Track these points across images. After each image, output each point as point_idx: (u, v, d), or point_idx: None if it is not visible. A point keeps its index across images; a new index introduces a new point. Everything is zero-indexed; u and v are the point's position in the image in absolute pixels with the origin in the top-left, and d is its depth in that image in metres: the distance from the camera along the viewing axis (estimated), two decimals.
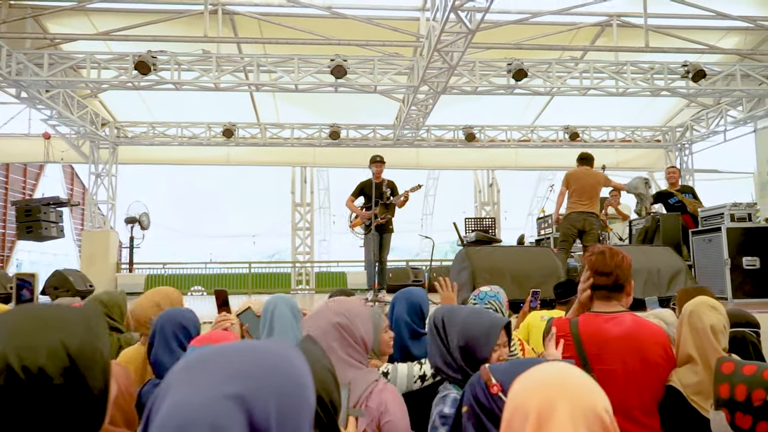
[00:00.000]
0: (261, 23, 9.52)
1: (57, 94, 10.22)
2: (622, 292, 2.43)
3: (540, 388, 1.01)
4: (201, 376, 0.78)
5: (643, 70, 9.75)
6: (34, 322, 0.93)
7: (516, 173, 16.03)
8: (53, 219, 10.68)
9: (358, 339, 1.97)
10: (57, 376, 0.88)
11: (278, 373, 0.81)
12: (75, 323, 0.95)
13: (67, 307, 1.00)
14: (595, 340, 2.29)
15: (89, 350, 0.93)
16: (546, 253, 5.53)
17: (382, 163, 7.56)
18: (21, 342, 0.89)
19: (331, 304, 2.04)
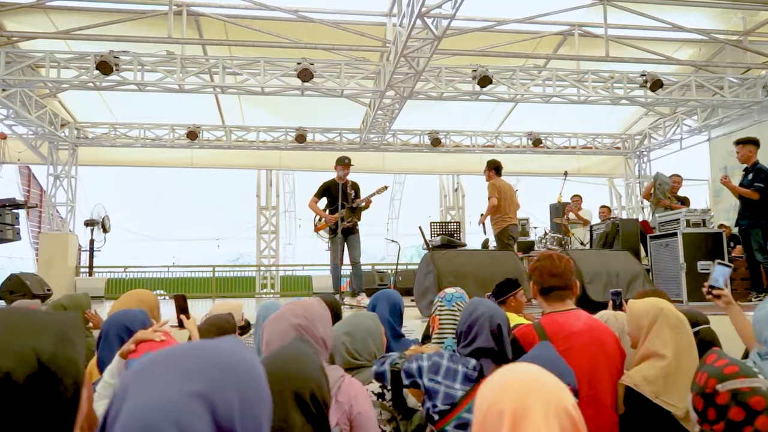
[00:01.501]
0: (227, 25, 9.44)
1: (14, 93, 9.95)
2: (571, 290, 2.65)
3: (512, 388, 1.05)
4: (160, 377, 0.77)
5: (603, 79, 10.01)
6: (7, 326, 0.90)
7: (480, 178, 16.16)
8: (9, 221, 10.36)
9: (319, 339, 2.02)
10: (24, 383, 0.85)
11: (236, 369, 0.81)
12: (49, 330, 0.92)
13: (44, 312, 0.98)
14: (561, 337, 2.44)
15: (62, 359, 0.90)
16: (510, 256, 5.63)
17: (350, 166, 7.57)
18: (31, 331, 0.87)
19: (291, 306, 2.08)
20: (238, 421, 0.77)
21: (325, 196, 7.64)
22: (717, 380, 1.66)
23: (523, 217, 10.85)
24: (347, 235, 7.49)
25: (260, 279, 14.07)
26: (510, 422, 0.99)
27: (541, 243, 9.31)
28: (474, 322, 2.27)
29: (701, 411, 1.69)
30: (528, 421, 0.98)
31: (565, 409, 1.02)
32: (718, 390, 1.64)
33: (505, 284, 3.66)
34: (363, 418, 1.99)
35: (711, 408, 1.65)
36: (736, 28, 10.10)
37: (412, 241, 16.58)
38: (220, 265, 14.97)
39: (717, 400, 1.64)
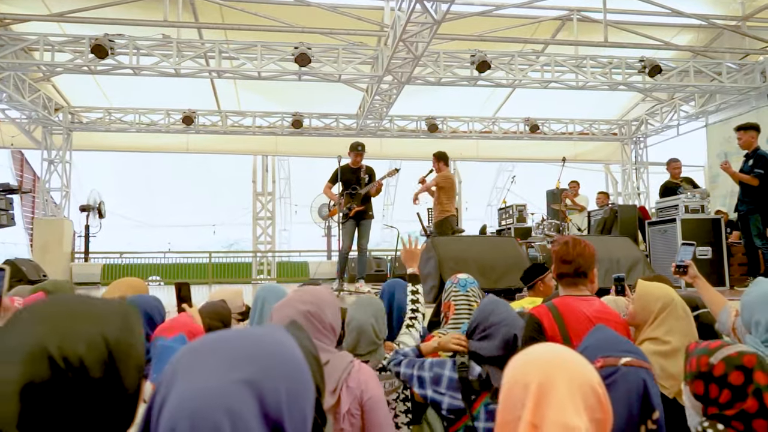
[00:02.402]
0: (222, 9, 9.34)
1: (7, 76, 9.82)
2: (585, 278, 2.62)
3: (539, 363, 1.08)
4: (208, 363, 0.77)
5: (602, 65, 9.97)
6: (74, 313, 0.90)
7: (476, 164, 16.22)
8: (3, 207, 10.28)
9: (327, 326, 2.04)
10: (95, 369, 0.85)
11: (284, 358, 0.81)
12: (113, 317, 0.92)
13: (105, 299, 0.97)
14: (574, 319, 2.45)
15: (126, 345, 0.91)
16: (510, 242, 5.63)
17: (362, 153, 7.48)
18: (61, 332, 0.86)
19: (299, 293, 2.07)
20: (285, 411, 0.77)
21: (340, 181, 7.54)
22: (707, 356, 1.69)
23: (519, 203, 10.86)
24: (359, 220, 7.41)
25: (256, 265, 14.06)
26: (535, 395, 1.02)
27: (538, 229, 9.31)
28: (490, 326, 2.26)
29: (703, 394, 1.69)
30: (553, 394, 1.01)
31: (590, 385, 1.05)
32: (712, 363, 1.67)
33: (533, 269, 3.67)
34: (374, 402, 2.00)
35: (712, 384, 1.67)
36: (734, 14, 10.06)
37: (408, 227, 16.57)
38: (217, 251, 14.94)
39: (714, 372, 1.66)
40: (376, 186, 7.25)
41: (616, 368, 1.79)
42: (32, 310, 0.91)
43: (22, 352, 0.83)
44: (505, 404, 1.08)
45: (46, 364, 0.83)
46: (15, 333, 0.87)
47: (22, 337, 0.86)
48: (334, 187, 7.56)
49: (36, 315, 0.90)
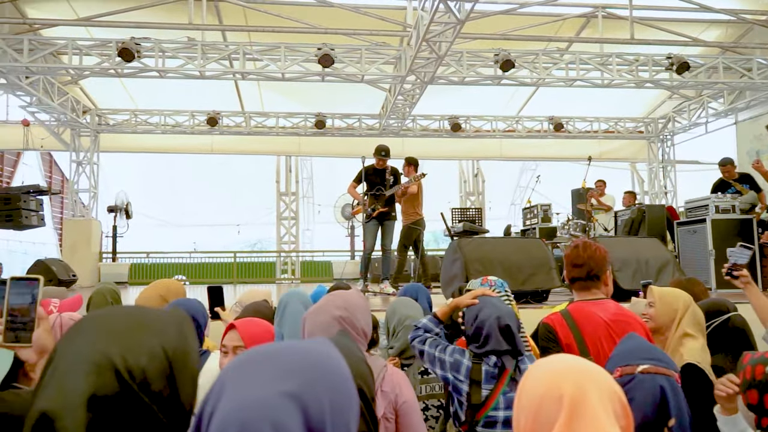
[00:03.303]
0: (246, 11, 9.40)
1: (37, 80, 10.02)
2: (598, 281, 2.59)
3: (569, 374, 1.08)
4: (255, 375, 0.78)
5: (628, 62, 9.83)
6: (134, 323, 0.91)
7: (499, 163, 16.12)
8: (33, 207, 10.50)
9: (360, 330, 2.05)
10: (156, 381, 0.86)
11: (328, 371, 0.82)
12: (171, 327, 0.93)
13: (160, 310, 0.98)
14: (589, 324, 2.43)
15: (183, 356, 0.91)
16: (536, 243, 5.57)
17: (386, 157, 7.50)
18: (124, 343, 0.87)
19: (332, 298, 2.09)
20: (329, 423, 0.77)
21: (364, 181, 7.57)
22: (763, 365, 1.67)
23: (544, 203, 10.76)
24: (382, 220, 7.42)
25: (280, 265, 14.15)
26: (569, 406, 1.03)
27: (564, 229, 9.22)
28: (481, 324, 2.25)
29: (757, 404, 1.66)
30: (586, 405, 1.02)
31: (617, 394, 1.07)
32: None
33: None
34: (408, 406, 2.03)
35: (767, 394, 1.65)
36: (765, 8, 9.83)
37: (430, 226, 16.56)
38: (241, 251, 15.07)
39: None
40: (402, 189, 7.24)
41: (632, 376, 1.79)
42: (94, 321, 0.92)
43: (88, 363, 0.84)
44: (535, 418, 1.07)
45: (110, 375, 0.83)
46: (79, 344, 0.87)
47: (86, 347, 0.86)
48: (358, 186, 7.59)
49: (98, 326, 0.91)
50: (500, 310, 2.27)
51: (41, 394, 0.84)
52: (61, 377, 0.84)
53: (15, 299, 1.51)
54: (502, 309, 2.28)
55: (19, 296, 1.52)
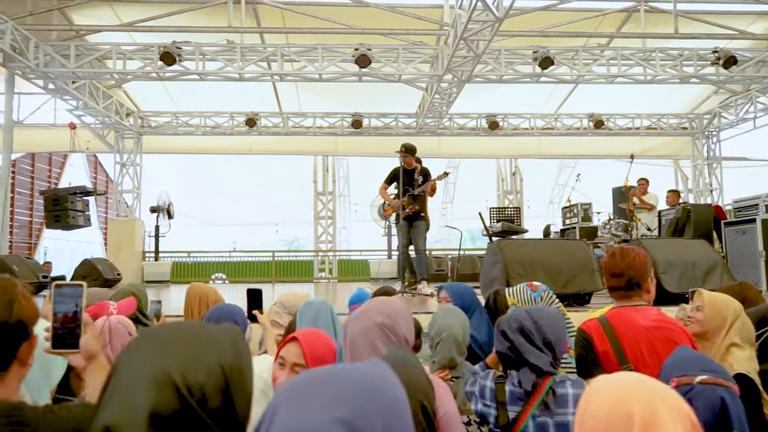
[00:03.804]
0: (284, 13, 9.48)
1: (83, 84, 10.31)
2: (640, 290, 2.48)
3: (637, 393, 1.06)
4: (308, 400, 0.79)
5: (672, 57, 9.57)
6: (192, 339, 0.93)
7: (537, 161, 15.91)
8: (80, 208, 10.83)
9: (401, 338, 2.03)
10: (214, 398, 0.87)
11: (381, 395, 0.82)
12: (227, 343, 0.94)
13: (215, 326, 1.00)
14: (628, 332, 2.35)
15: (239, 373, 0.92)
16: (578, 245, 5.47)
17: (407, 154, 7.47)
18: (183, 360, 0.88)
19: (374, 304, 2.08)
20: None
21: (395, 182, 7.59)
22: None
23: (585, 202, 10.57)
24: (412, 221, 7.42)
25: (318, 264, 14.25)
26: (640, 426, 1.01)
27: (605, 229, 9.04)
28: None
29: None
30: (658, 424, 1.01)
31: (686, 412, 1.05)
32: None
33: None
34: (449, 417, 1.99)
35: None
36: None
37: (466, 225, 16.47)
38: (280, 250, 15.24)
39: None
40: (430, 187, 7.20)
41: (691, 386, 1.73)
42: (153, 337, 0.94)
43: (148, 380, 0.85)
44: None
45: (170, 392, 0.85)
46: (139, 360, 0.89)
47: (146, 364, 0.88)
48: (389, 187, 7.62)
49: (158, 342, 0.92)
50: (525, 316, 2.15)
51: (104, 409, 0.86)
52: (122, 393, 0.86)
53: (60, 306, 1.55)
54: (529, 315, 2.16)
55: (64, 303, 1.55)
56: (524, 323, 2.11)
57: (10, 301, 1.18)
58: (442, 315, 2.53)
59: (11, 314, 1.17)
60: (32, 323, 1.23)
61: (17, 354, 1.19)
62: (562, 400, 2.00)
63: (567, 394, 2.00)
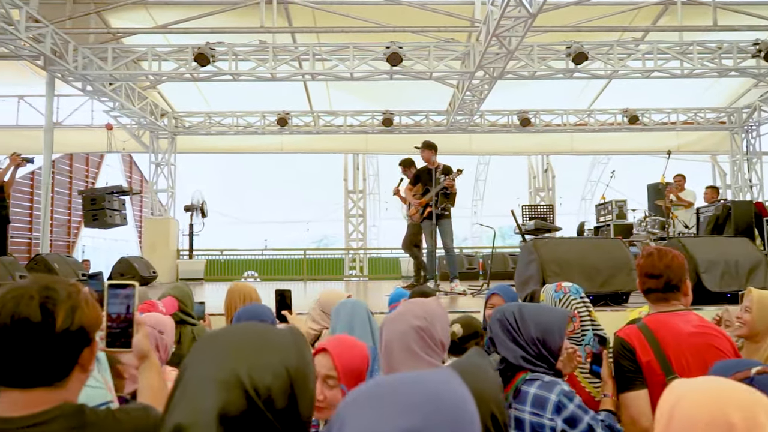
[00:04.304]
0: (315, 12, 9.53)
1: (119, 86, 10.52)
2: (678, 292, 2.37)
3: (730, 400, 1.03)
4: (376, 410, 0.79)
5: (710, 50, 9.34)
6: (257, 342, 0.95)
7: (569, 158, 15.71)
8: (117, 207, 11.06)
9: (437, 341, 2.00)
10: (280, 399, 0.89)
11: (449, 405, 0.82)
12: (291, 346, 0.96)
13: (278, 328, 1.02)
14: (671, 339, 2.23)
15: (303, 375, 0.94)
16: (615, 243, 5.38)
17: (424, 149, 7.49)
18: (250, 362, 0.90)
19: (410, 306, 2.06)
20: None
21: (419, 182, 7.60)
22: None
23: (619, 199, 10.39)
24: (437, 220, 7.40)
25: (348, 261, 14.31)
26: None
27: (641, 226, 8.88)
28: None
29: None
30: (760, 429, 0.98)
31: None
32: None
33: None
34: None
35: None
36: None
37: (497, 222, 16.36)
38: (311, 248, 15.34)
39: None
40: (447, 183, 7.16)
41: (750, 378, 1.68)
42: (220, 340, 0.96)
43: (217, 381, 0.88)
44: None
45: (238, 393, 0.87)
46: (208, 361, 0.92)
47: (215, 366, 0.90)
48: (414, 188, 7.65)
49: (225, 344, 0.95)
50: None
51: (174, 409, 0.88)
52: (192, 393, 0.88)
53: (113, 306, 1.58)
54: None
55: (117, 303, 1.59)
56: (507, 316, 2.11)
57: (73, 308, 1.20)
58: None
59: (73, 321, 1.19)
60: (94, 329, 1.26)
61: (79, 359, 1.22)
62: (522, 396, 1.98)
63: (527, 392, 1.98)
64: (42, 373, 1.18)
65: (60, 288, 1.21)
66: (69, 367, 1.21)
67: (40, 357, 1.17)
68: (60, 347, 1.18)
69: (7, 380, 1.17)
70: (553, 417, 1.88)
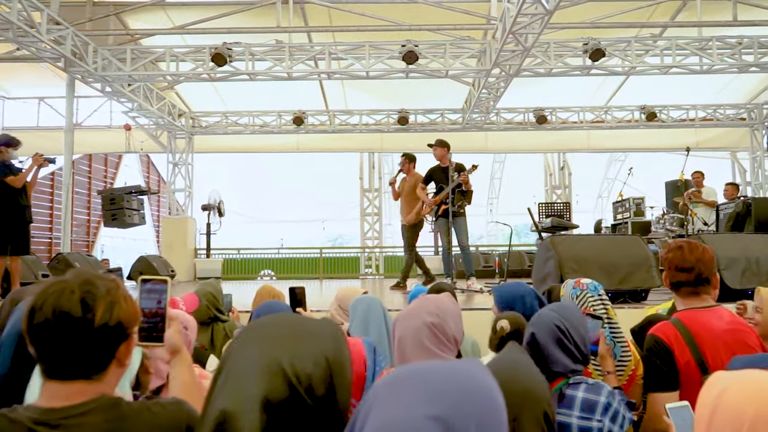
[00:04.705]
0: (331, 11, 9.56)
1: (138, 87, 10.63)
2: (709, 285, 2.35)
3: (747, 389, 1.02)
4: (403, 397, 0.80)
5: (730, 45, 9.22)
6: (298, 332, 0.98)
7: (586, 155, 15.61)
8: (135, 207, 11.19)
9: (450, 337, 2.01)
10: (320, 387, 0.92)
11: (476, 393, 0.83)
12: (329, 336, 0.99)
13: (316, 319, 1.05)
14: (706, 336, 2.20)
15: (340, 364, 0.97)
16: (634, 240, 5.34)
17: (437, 147, 7.50)
18: (292, 351, 0.93)
19: (423, 302, 2.06)
20: None
21: (432, 181, 7.60)
22: None
23: (637, 196, 10.31)
24: (453, 218, 7.39)
25: (364, 260, 14.33)
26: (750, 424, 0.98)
27: (659, 224, 8.80)
28: None
29: None
30: None
31: None
32: None
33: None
34: None
35: None
36: None
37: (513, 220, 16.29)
38: (327, 247, 15.40)
39: None
40: (462, 179, 7.15)
41: None
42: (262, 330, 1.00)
43: (261, 369, 0.91)
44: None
45: (281, 381, 0.90)
46: (251, 350, 0.95)
47: (258, 354, 0.94)
48: (427, 188, 7.65)
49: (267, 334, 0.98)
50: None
51: (218, 396, 0.92)
52: (236, 381, 0.92)
53: (146, 301, 1.61)
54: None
55: (150, 298, 1.62)
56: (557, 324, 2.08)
57: (112, 303, 1.23)
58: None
59: (112, 316, 1.22)
60: (132, 325, 1.29)
61: (116, 354, 1.26)
62: (568, 401, 1.97)
63: (574, 396, 1.97)
64: (81, 366, 1.21)
65: (100, 283, 1.25)
66: (107, 361, 1.24)
67: (79, 350, 1.20)
68: (98, 341, 1.22)
69: (49, 372, 1.21)
70: (601, 419, 1.89)
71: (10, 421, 1.16)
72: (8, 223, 6.60)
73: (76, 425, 1.17)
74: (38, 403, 1.21)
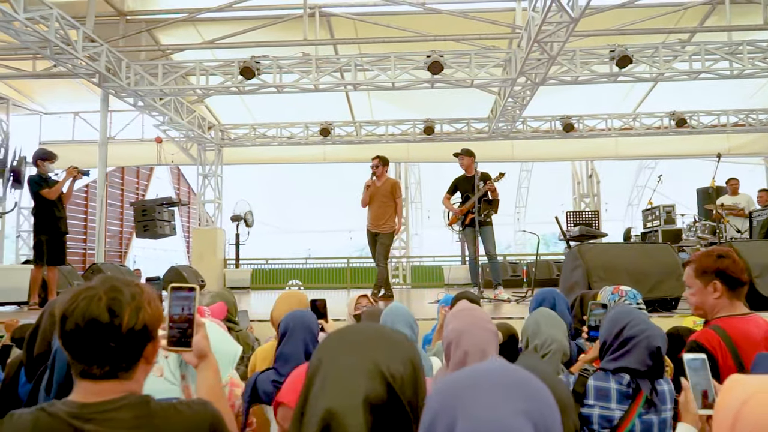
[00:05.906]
0: (356, 23, 9.69)
1: (169, 101, 10.88)
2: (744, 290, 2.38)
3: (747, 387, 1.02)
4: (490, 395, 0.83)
5: (761, 49, 9.06)
6: (387, 337, 1.06)
7: (614, 163, 15.42)
8: (166, 218, 11.42)
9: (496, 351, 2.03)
10: (409, 389, 0.99)
11: (543, 389, 0.87)
12: (407, 341, 1.07)
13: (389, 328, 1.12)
14: (746, 345, 2.19)
15: (421, 367, 1.04)
16: (664, 249, 5.27)
17: (464, 156, 7.55)
18: (387, 354, 1.01)
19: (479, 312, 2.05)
20: None
21: (457, 191, 7.65)
22: None
23: (667, 204, 10.15)
24: (480, 227, 7.40)
25: (391, 270, 14.34)
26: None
27: (690, 231, 8.66)
28: (629, 339, 2.11)
29: None
30: None
31: None
32: None
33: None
34: None
35: None
36: None
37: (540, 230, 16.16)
38: (355, 257, 15.45)
39: None
40: (489, 188, 7.16)
41: None
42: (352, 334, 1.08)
43: (361, 369, 0.98)
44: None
45: (380, 381, 0.97)
46: (346, 353, 1.02)
47: (355, 356, 1.01)
48: (452, 197, 7.70)
49: (359, 338, 1.06)
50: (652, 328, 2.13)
51: (321, 395, 0.99)
52: (338, 382, 0.99)
53: (175, 308, 1.68)
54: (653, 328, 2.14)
55: (179, 305, 1.68)
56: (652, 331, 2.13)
57: (137, 308, 1.32)
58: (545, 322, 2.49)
59: (137, 320, 1.31)
60: (157, 326, 1.39)
61: (143, 354, 1.35)
62: (662, 397, 1.99)
63: (665, 391, 1.99)
64: (111, 366, 1.30)
65: (125, 290, 1.34)
66: (134, 361, 1.34)
67: (108, 353, 1.29)
68: (126, 344, 1.31)
69: (82, 373, 1.30)
70: None
71: (48, 415, 1.25)
72: (45, 234, 6.81)
73: (107, 420, 1.25)
74: (73, 398, 1.30)
